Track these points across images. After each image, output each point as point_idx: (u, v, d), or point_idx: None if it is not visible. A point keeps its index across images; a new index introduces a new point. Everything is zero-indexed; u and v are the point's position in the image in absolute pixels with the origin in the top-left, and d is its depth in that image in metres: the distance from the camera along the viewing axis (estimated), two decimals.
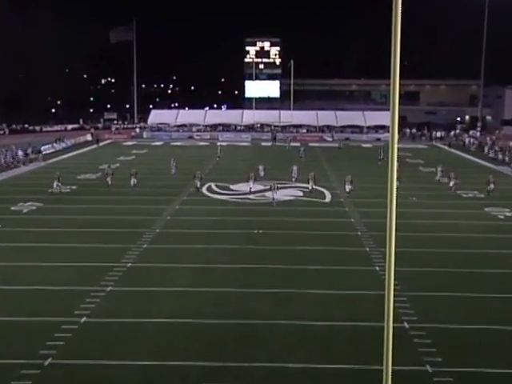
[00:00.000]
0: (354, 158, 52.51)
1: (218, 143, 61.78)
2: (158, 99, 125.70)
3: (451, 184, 35.83)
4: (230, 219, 27.74)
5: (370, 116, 76.82)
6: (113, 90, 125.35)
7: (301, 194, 34.43)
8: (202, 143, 68.33)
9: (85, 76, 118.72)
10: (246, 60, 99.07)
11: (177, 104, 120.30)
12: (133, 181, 35.57)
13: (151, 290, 17.93)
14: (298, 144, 61.39)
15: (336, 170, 43.55)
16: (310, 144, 65.82)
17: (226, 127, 79.40)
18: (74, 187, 36.02)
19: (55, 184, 34.24)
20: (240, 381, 12.42)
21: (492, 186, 34.08)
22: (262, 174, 38.79)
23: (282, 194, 33.75)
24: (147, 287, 18.13)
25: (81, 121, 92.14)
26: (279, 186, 33.98)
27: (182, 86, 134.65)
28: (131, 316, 15.79)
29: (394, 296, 7.76)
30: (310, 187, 34.79)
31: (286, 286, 18.30)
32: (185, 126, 79.50)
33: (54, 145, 60.36)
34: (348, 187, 34.26)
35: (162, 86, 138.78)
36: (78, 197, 33.06)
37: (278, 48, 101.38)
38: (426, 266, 20.32)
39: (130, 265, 20.31)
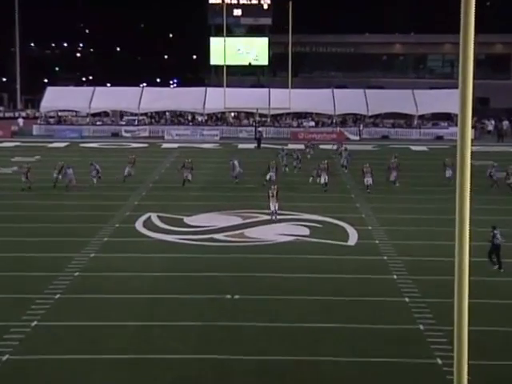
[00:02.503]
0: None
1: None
2: (57, 68, 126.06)
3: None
4: (185, 276, 27.71)
5: (424, 98, 77.59)
6: None
7: (306, 231, 34.63)
8: (135, 145, 68.50)
9: None
10: (212, 1, 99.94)
11: (91, 77, 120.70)
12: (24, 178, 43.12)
13: None
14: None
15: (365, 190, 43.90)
16: (322, 146, 66.27)
17: (178, 118, 79.66)
18: None
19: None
20: None
21: None
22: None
23: (276, 233, 34.09)
24: None
25: None
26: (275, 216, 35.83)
27: (98, 47, 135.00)
28: None
29: None
30: (323, 181, 41.93)
31: None
32: (106, 114, 79.64)
33: None
34: (368, 180, 41.38)
35: (66, 45, 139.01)
36: None
37: None
38: None
39: (6, 358, 20.09)
